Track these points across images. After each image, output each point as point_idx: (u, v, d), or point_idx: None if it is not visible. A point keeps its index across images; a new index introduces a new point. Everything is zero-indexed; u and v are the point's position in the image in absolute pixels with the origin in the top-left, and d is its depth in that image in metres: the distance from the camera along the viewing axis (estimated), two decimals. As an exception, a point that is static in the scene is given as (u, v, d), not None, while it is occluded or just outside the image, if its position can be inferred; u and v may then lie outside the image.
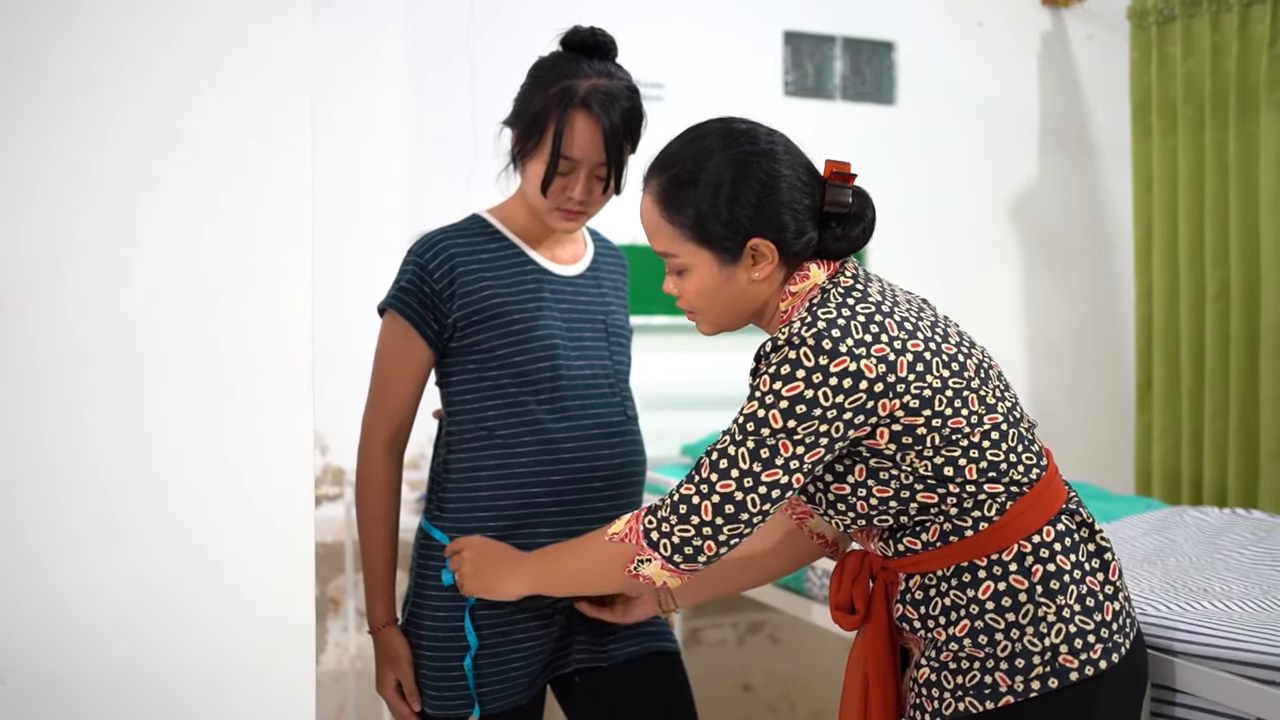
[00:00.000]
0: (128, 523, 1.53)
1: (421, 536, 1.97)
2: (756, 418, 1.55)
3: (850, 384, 1.53)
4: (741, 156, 1.63)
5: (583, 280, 1.98)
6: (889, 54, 4.24)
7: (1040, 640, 1.58)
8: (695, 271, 1.66)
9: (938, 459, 1.58)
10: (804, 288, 1.66)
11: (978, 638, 1.60)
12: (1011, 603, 1.59)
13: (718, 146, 1.64)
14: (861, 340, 1.55)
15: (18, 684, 1.48)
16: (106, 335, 1.52)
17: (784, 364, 1.54)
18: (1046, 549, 1.61)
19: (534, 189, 1.86)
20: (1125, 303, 4.47)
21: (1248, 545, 2.34)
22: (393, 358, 1.90)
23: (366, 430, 1.93)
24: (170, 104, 1.53)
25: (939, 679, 1.63)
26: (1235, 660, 1.69)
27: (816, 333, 1.54)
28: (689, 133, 1.69)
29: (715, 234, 1.63)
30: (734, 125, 1.67)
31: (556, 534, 1.88)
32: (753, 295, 1.67)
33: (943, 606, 1.63)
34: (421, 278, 1.87)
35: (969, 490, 1.60)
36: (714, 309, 1.70)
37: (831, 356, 1.53)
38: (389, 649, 1.92)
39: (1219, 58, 3.83)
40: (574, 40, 1.87)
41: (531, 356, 1.88)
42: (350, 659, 3.46)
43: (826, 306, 1.59)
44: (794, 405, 1.53)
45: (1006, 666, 1.59)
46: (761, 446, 1.55)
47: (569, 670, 1.97)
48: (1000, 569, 1.61)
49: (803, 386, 1.53)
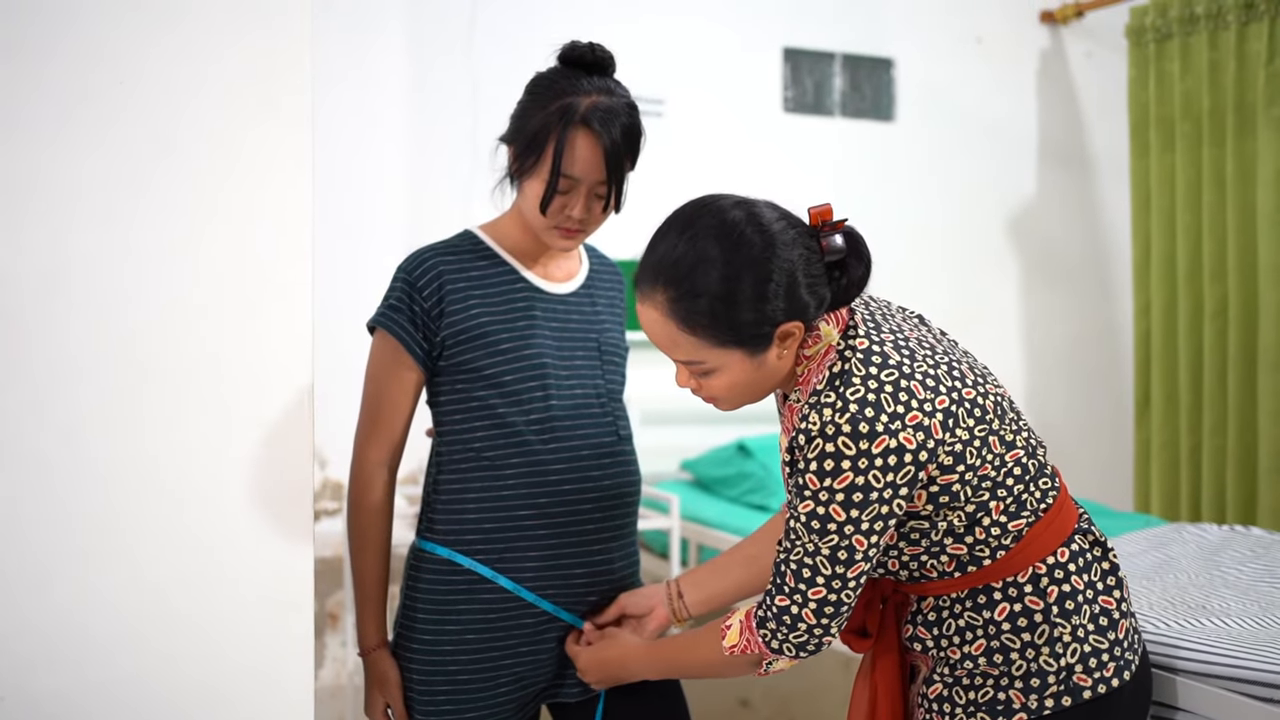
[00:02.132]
0: (128, 537, 1.53)
1: (414, 555, 1.95)
2: (819, 515, 1.53)
3: (895, 460, 1.50)
4: (755, 255, 1.53)
5: (576, 298, 1.96)
6: (888, 70, 4.25)
7: (1056, 660, 1.59)
8: (724, 371, 1.59)
9: (969, 507, 1.58)
10: (818, 350, 1.61)
11: (993, 656, 1.60)
12: (1027, 623, 1.60)
13: (722, 249, 1.53)
14: (895, 414, 1.51)
15: (19, 697, 1.48)
16: (107, 349, 1.52)
17: (826, 458, 1.51)
18: (1061, 570, 1.61)
19: (532, 207, 1.84)
20: (1123, 319, 4.47)
21: (1246, 562, 2.34)
22: (384, 377, 1.89)
23: (358, 450, 1.91)
24: (170, 119, 1.53)
25: (951, 694, 1.63)
26: (1235, 678, 1.69)
27: (850, 418, 1.50)
28: (679, 229, 1.56)
29: (745, 334, 1.55)
30: (729, 217, 1.55)
31: (545, 558, 1.87)
32: (778, 371, 1.61)
33: (957, 627, 1.63)
34: (410, 295, 1.86)
35: (994, 533, 1.60)
36: (742, 396, 1.63)
37: (870, 439, 1.50)
38: (378, 671, 1.91)
39: (1216, 75, 3.84)
40: (572, 56, 1.85)
41: (520, 376, 1.86)
42: (349, 674, 3.45)
43: (852, 385, 1.53)
44: (850, 495, 1.51)
45: (1021, 685, 1.59)
46: (838, 549, 1.54)
47: (562, 700, 1.96)
48: (1016, 590, 1.61)
49: (852, 475, 1.50)
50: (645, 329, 1.61)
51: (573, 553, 1.88)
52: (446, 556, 1.88)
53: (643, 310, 1.59)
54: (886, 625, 1.70)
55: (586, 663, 1.87)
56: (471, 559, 1.86)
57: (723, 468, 3.58)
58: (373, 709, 1.91)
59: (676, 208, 1.61)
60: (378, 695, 1.90)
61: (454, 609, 1.87)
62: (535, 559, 1.86)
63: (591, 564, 1.90)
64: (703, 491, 3.61)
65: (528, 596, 1.86)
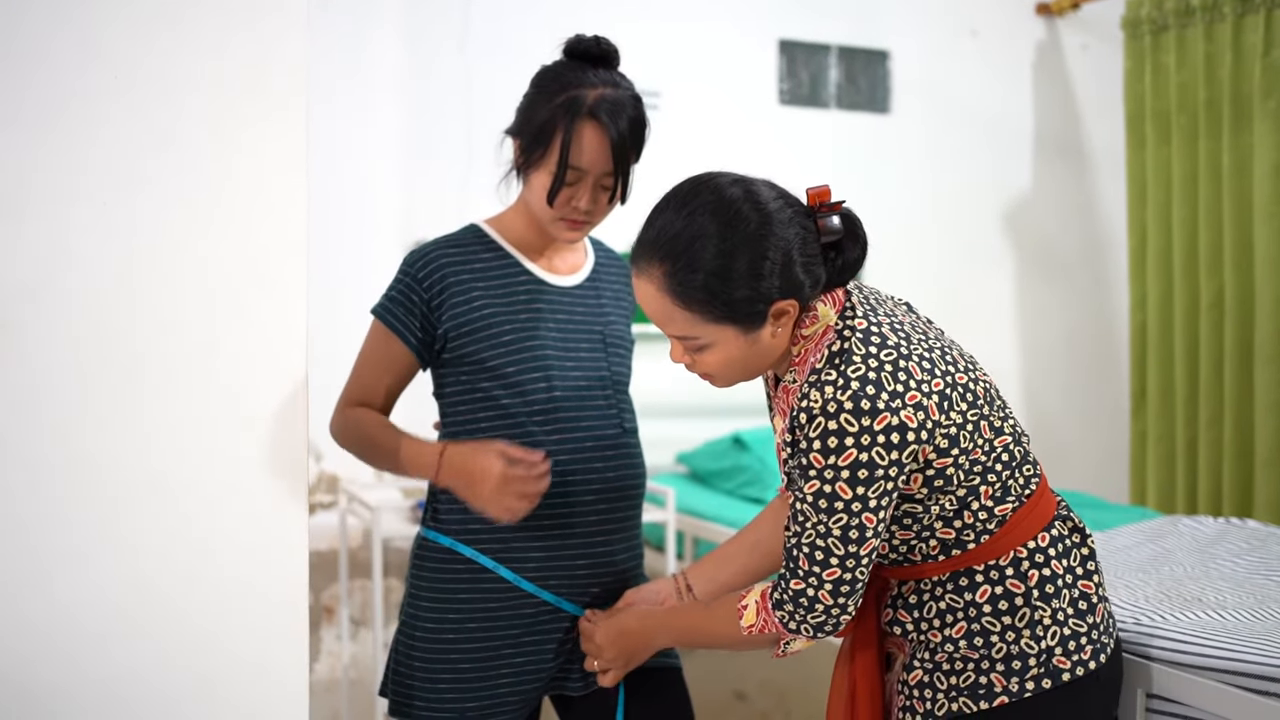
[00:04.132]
0: (124, 532, 1.53)
1: (419, 544, 1.96)
2: (825, 494, 1.54)
3: (898, 438, 1.52)
4: (751, 232, 1.53)
5: (581, 291, 1.97)
6: (884, 63, 4.25)
7: (1036, 643, 1.61)
8: (718, 347, 1.60)
9: (960, 491, 1.60)
10: (816, 330, 1.61)
11: (974, 640, 1.62)
12: (1008, 606, 1.62)
13: (719, 225, 1.54)
14: (895, 393, 1.53)
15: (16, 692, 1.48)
16: (103, 346, 1.51)
17: (829, 436, 1.52)
18: (1041, 554, 1.64)
19: (539, 199, 1.85)
20: (1119, 311, 4.48)
21: (1242, 555, 2.34)
22: (372, 352, 1.93)
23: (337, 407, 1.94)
24: (166, 115, 1.53)
25: (932, 680, 1.65)
26: (1229, 670, 1.69)
27: (852, 395, 1.51)
28: (678, 205, 1.57)
29: (740, 311, 1.55)
30: (726, 194, 1.55)
31: (547, 549, 1.87)
32: (774, 350, 1.62)
33: (938, 610, 1.65)
34: (411, 288, 1.87)
35: (981, 517, 1.62)
36: (737, 373, 1.64)
37: (872, 416, 1.51)
38: (459, 454, 1.83)
39: (1212, 68, 3.84)
40: (578, 49, 1.86)
41: (523, 368, 1.87)
42: (343, 668, 3.45)
43: (853, 363, 1.54)
44: (855, 472, 1.52)
45: (1002, 668, 1.61)
46: (849, 528, 1.54)
47: (566, 694, 1.96)
48: (997, 573, 1.63)
49: (856, 452, 1.51)
50: (641, 303, 1.62)
51: (575, 544, 1.89)
52: (449, 545, 1.89)
53: (639, 285, 1.60)
54: (866, 611, 1.71)
55: (605, 636, 1.84)
56: (473, 549, 1.87)
57: (718, 461, 3.58)
58: (488, 469, 1.80)
59: (675, 184, 1.61)
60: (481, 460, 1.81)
61: (456, 598, 1.88)
62: (538, 550, 1.87)
63: (594, 556, 1.90)
64: (698, 484, 3.61)
65: (528, 587, 1.87)
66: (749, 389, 1.85)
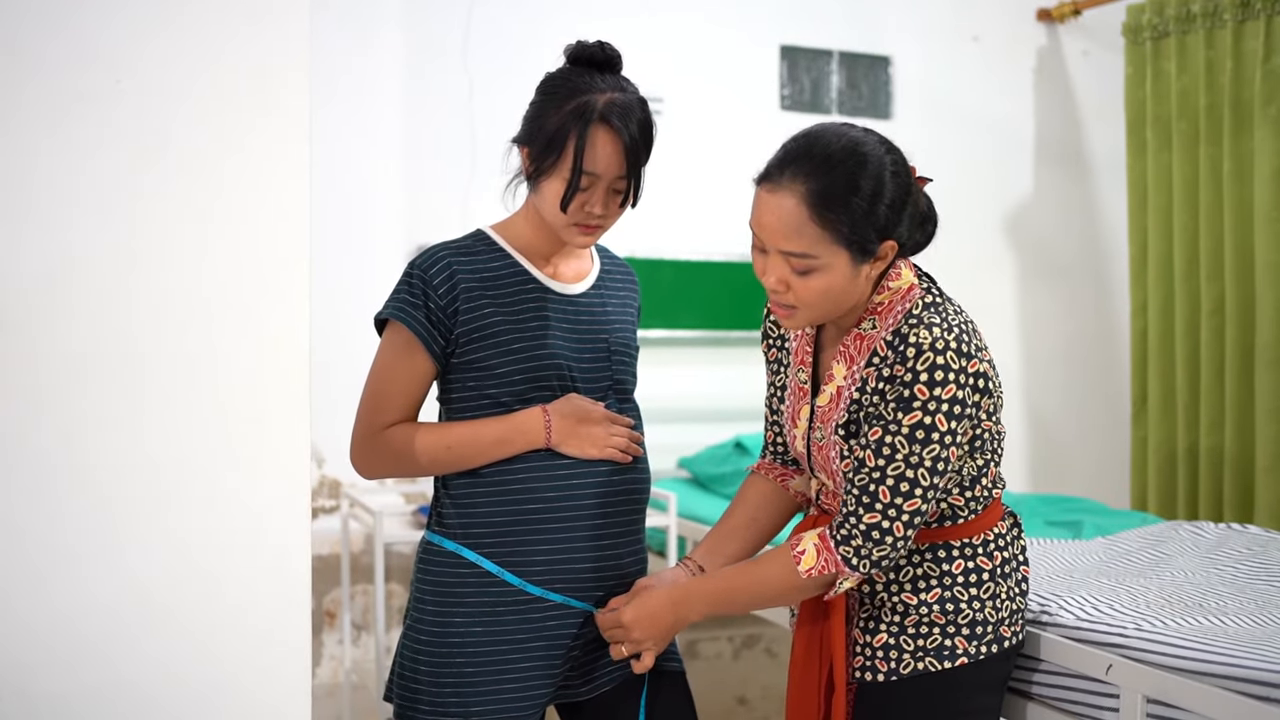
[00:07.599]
0: (125, 536, 1.53)
1: (423, 548, 1.96)
2: (924, 425, 1.66)
3: (983, 384, 1.68)
4: (903, 176, 1.71)
5: (586, 299, 1.97)
6: (885, 68, 4.25)
7: (995, 614, 1.80)
8: (826, 272, 1.69)
9: (979, 460, 1.76)
10: (901, 285, 1.77)
11: (945, 605, 1.78)
12: (978, 579, 1.80)
13: (874, 157, 1.68)
14: (980, 345, 1.70)
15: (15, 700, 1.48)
16: (104, 350, 1.52)
17: (936, 369, 1.65)
18: (1002, 539, 1.84)
19: (552, 206, 1.85)
20: (1120, 317, 4.48)
21: (1243, 560, 2.35)
22: (395, 366, 1.88)
23: (361, 424, 1.89)
24: (167, 118, 1.53)
25: (898, 642, 1.79)
26: (1230, 676, 1.69)
27: (956, 336, 1.67)
28: (836, 135, 1.71)
29: (864, 237, 1.68)
30: (876, 136, 1.72)
31: (552, 554, 1.87)
32: (862, 291, 1.74)
33: (915, 575, 1.80)
34: (425, 292, 1.86)
35: (979, 495, 1.79)
36: (825, 306, 1.73)
37: (968, 359, 1.67)
38: (563, 401, 1.89)
39: (1213, 74, 3.84)
40: (583, 55, 1.87)
41: (530, 375, 1.87)
42: (345, 672, 3.45)
43: (945, 311, 1.72)
44: (952, 407, 1.66)
45: (967, 633, 1.78)
46: (938, 459, 1.67)
47: (572, 700, 1.96)
48: (970, 550, 1.81)
49: (955, 388, 1.65)
50: (768, 215, 1.70)
51: (581, 549, 1.89)
52: (453, 550, 1.89)
53: (773, 198, 1.70)
54: None
55: (633, 616, 1.84)
56: (478, 553, 1.87)
57: (720, 465, 3.58)
58: (594, 407, 1.90)
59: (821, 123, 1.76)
60: (587, 399, 1.91)
61: (461, 602, 1.88)
62: (543, 555, 1.87)
63: (599, 560, 1.91)
64: (700, 489, 3.61)
65: (534, 591, 1.87)
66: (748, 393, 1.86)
